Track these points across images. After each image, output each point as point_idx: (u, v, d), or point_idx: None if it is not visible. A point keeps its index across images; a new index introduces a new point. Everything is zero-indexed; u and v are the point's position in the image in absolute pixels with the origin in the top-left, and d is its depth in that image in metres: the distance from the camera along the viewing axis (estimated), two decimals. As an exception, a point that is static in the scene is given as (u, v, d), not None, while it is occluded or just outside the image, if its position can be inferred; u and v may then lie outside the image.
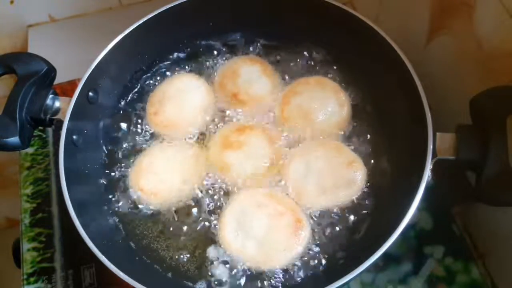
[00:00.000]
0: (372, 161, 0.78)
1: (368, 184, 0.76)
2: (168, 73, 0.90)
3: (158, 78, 0.90)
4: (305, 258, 0.71)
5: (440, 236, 0.82)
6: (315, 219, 0.73)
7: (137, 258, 0.73)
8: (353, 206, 0.75)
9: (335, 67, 0.87)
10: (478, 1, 0.71)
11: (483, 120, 0.65)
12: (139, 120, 0.85)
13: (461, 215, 0.84)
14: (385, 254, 0.60)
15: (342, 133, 0.80)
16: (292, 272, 0.70)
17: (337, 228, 0.73)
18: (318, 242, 0.72)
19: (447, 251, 0.80)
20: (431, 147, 0.65)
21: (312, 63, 0.88)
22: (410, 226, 0.64)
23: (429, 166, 0.65)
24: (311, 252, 0.71)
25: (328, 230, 0.73)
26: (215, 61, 0.90)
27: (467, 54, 0.76)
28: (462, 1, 0.74)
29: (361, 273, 0.60)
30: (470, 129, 0.66)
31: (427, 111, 0.67)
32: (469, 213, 0.83)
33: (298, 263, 0.70)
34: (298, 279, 0.70)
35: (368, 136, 0.80)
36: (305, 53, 0.89)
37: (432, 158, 0.65)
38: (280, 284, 0.70)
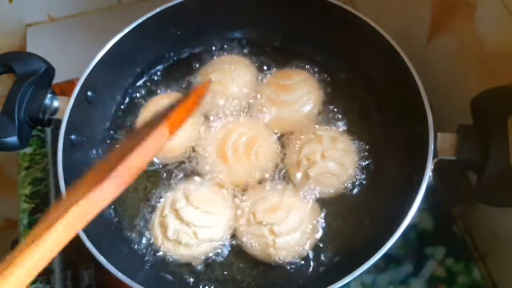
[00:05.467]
0: (372, 161, 0.77)
1: (369, 184, 0.75)
2: (167, 74, 0.90)
3: (158, 78, 0.89)
4: (305, 259, 0.70)
5: (441, 236, 0.82)
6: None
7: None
8: (353, 207, 0.74)
9: (334, 67, 0.87)
10: (479, 0, 0.70)
11: (484, 120, 0.64)
12: (139, 120, 0.84)
13: (462, 215, 0.83)
14: (385, 255, 0.60)
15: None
16: (291, 274, 0.70)
17: (337, 229, 0.73)
18: (318, 243, 0.72)
19: (448, 252, 0.80)
20: (432, 147, 0.65)
21: (311, 63, 0.87)
22: (411, 227, 0.64)
23: (430, 166, 0.64)
24: (310, 253, 0.71)
25: (328, 232, 0.73)
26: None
27: (468, 53, 0.76)
28: (463, 0, 0.74)
29: (361, 274, 0.60)
30: (471, 129, 0.66)
31: (428, 111, 0.67)
32: (470, 213, 0.82)
33: (298, 264, 0.70)
34: (299, 280, 0.69)
35: (368, 136, 0.79)
36: (304, 53, 0.89)
37: (433, 158, 0.65)
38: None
